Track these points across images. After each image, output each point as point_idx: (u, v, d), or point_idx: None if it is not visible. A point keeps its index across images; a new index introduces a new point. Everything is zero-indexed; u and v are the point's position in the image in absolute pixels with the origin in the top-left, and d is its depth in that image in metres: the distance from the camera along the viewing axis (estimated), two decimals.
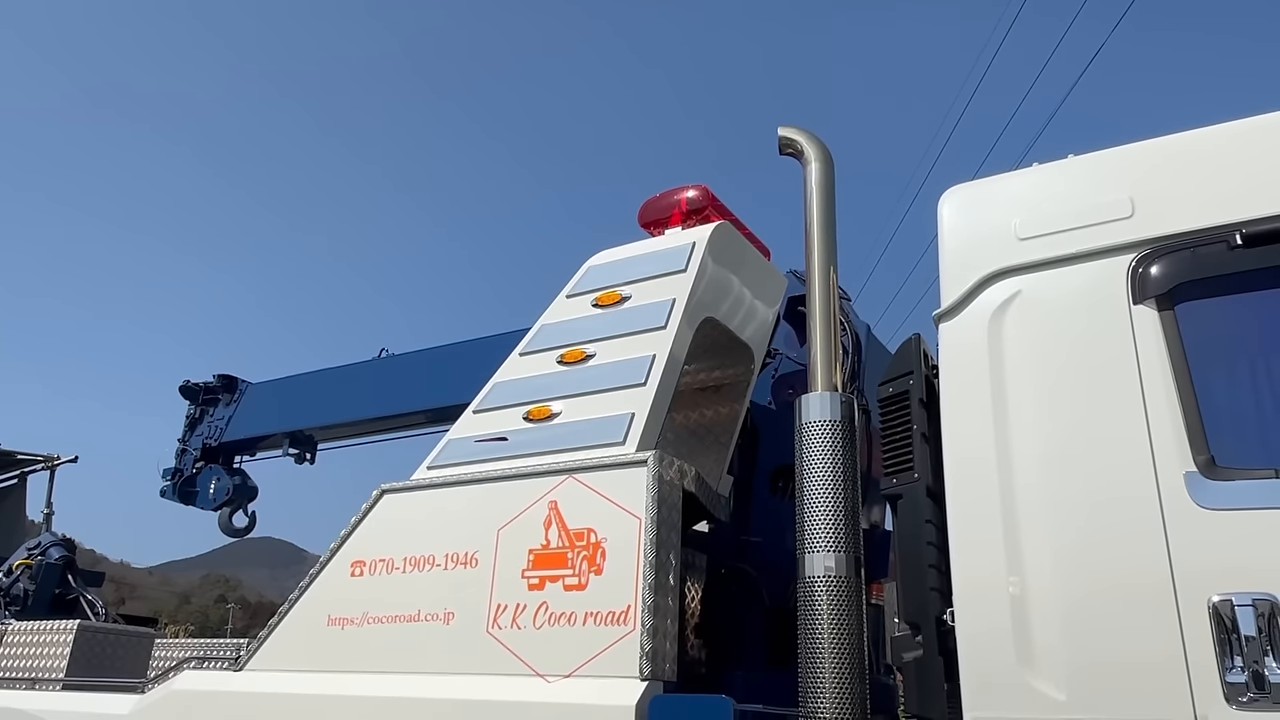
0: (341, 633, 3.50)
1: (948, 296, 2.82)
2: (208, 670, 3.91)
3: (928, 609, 2.66)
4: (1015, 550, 2.45)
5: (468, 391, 3.85)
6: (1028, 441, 2.54)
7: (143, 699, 3.96)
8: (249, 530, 7.77)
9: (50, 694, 4.58)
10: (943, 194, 3.00)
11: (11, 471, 10.24)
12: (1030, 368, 2.61)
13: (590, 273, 3.83)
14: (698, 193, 3.95)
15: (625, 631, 2.90)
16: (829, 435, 2.93)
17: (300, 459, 7.29)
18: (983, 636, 2.45)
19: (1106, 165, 2.79)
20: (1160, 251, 2.55)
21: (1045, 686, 2.32)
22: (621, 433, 3.24)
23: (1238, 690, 2.12)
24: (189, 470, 7.48)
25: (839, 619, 2.75)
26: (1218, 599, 2.18)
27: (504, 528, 3.28)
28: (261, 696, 3.56)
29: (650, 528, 2.99)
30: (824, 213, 3.28)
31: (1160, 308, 2.50)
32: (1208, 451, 2.33)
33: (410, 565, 3.45)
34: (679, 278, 3.58)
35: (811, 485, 2.89)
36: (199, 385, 7.62)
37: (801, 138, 3.41)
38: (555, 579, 3.10)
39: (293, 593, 3.73)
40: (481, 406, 3.69)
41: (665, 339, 3.43)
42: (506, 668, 3.06)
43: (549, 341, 3.70)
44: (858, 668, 2.72)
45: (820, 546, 2.82)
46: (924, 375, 2.96)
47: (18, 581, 6.98)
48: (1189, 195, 2.59)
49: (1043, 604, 2.38)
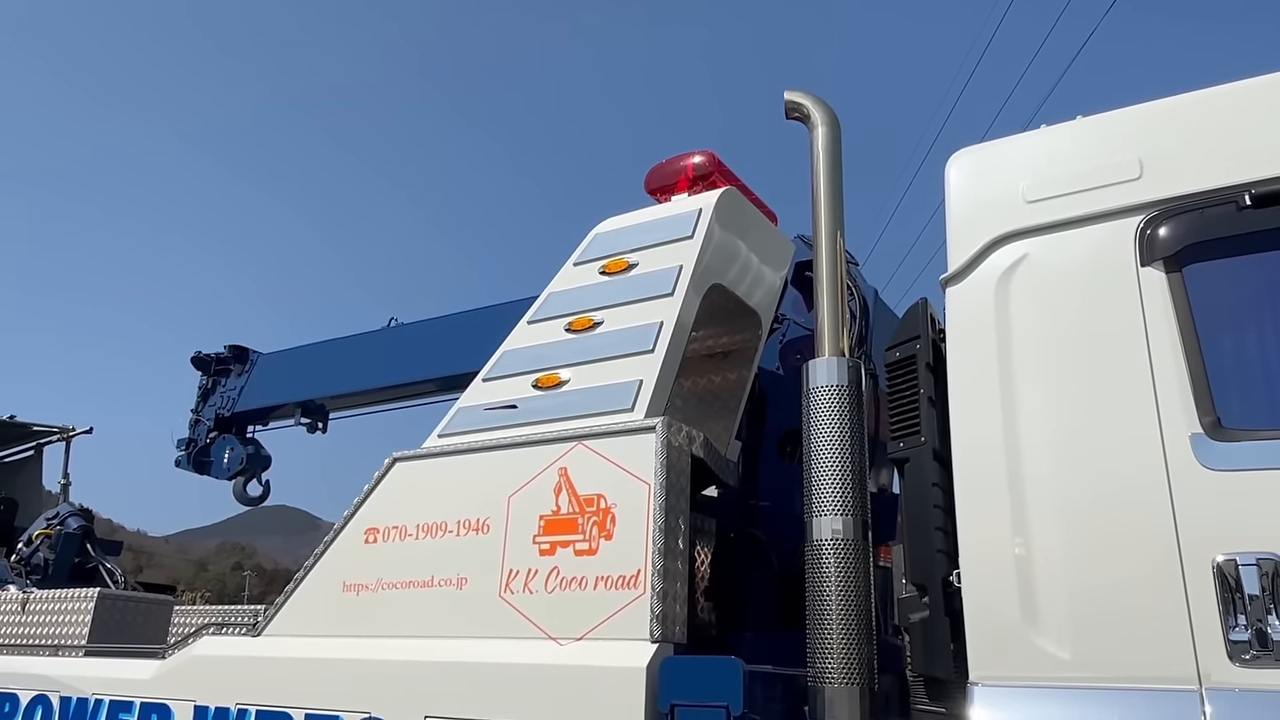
0: (356, 598, 3.56)
1: (955, 260, 2.82)
2: (227, 636, 3.98)
3: (934, 571, 2.69)
4: (1021, 512, 2.47)
5: (477, 360, 3.86)
6: (1034, 405, 2.55)
7: (164, 664, 4.04)
8: (263, 499, 7.86)
9: (73, 660, 4.67)
10: (950, 157, 2.99)
11: (28, 443, 10.33)
12: (1037, 331, 2.61)
13: (597, 240, 3.83)
14: (704, 158, 3.92)
15: (636, 595, 2.94)
16: (836, 400, 2.93)
17: (312, 428, 7.35)
18: (988, 597, 2.47)
19: (1115, 126, 2.77)
20: (1169, 213, 2.53)
21: (1050, 646, 2.35)
22: (630, 399, 3.26)
23: (1241, 648, 2.15)
24: (203, 440, 7.55)
25: (847, 581, 2.77)
26: (1222, 559, 2.20)
27: (514, 494, 3.31)
28: (280, 661, 3.63)
29: (659, 493, 3.02)
30: (831, 177, 3.26)
31: (1168, 270, 2.49)
32: (1214, 413, 2.33)
33: (423, 532, 3.49)
34: (686, 244, 3.57)
35: (819, 449, 2.91)
36: (210, 356, 7.66)
37: (808, 101, 3.38)
38: (566, 544, 3.14)
39: (308, 560, 3.79)
40: (491, 374, 3.72)
41: (673, 305, 3.43)
42: (519, 631, 3.11)
43: (557, 309, 3.71)
44: (865, 629, 2.75)
45: (828, 510, 2.84)
46: (931, 339, 2.97)
47: (38, 551, 7.06)
48: (1198, 156, 2.57)
49: (1048, 565, 2.40)
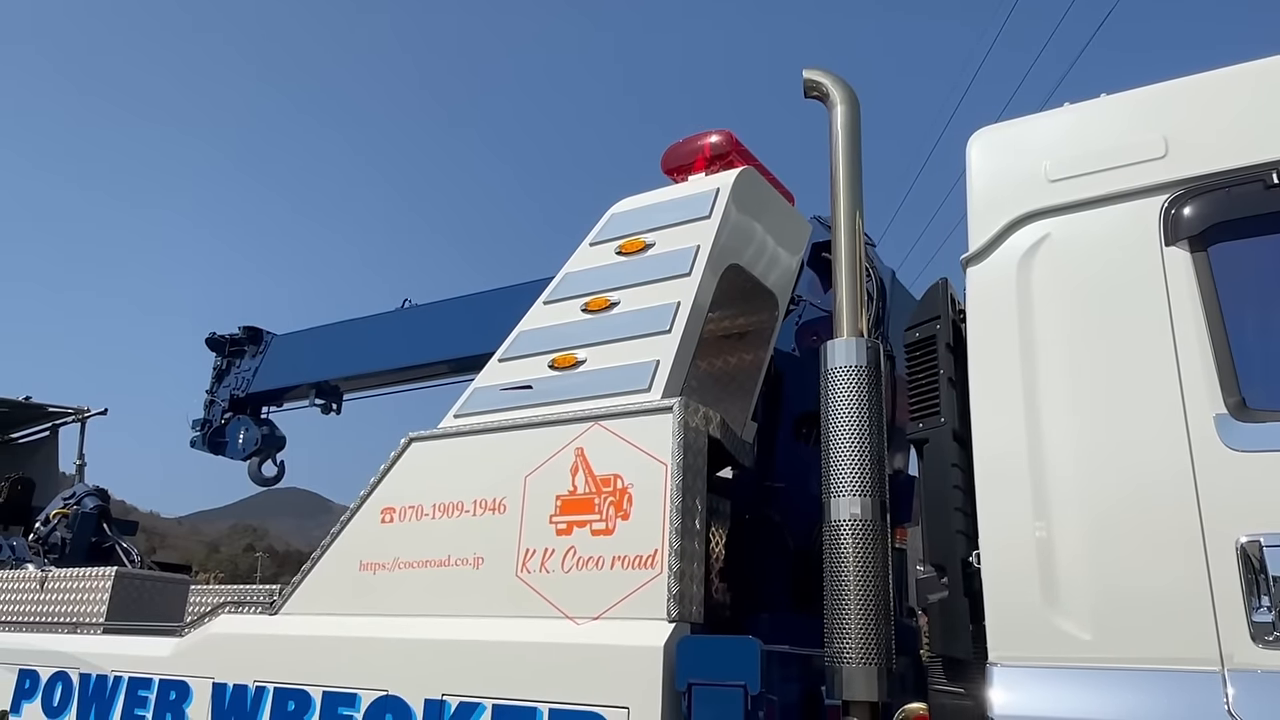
0: (373, 577, 3.58)
1: (975, 240, 2.79)
2: (244, 615, 4.01)
3: (953, 551, 2.68)
4: (1042, 493, 2.46)
5: (492, 341, 3.86)
6: (1055, 385, 2.53)
7: (182, 641, 4.08)
8: (278, 479, 7.90)
9: (92, 637, 4.72)
10: (971, 135, 2.96)
11: (44, 424, 10.42)
12: (1059, 311, 2.59)
13: (613, 220, 3.81)
14: (721, 138, 3.90)
15: (652, 575, 2.94)
16: (854, 381, 2.92)
17: (326, 409, 7.38)
18: (1008, 578, 2.46)
19: (1139, 104, 2.72)
20: (1194, 192, 2.50)
21: (1071, 627, 2.34)
22: (647, 380, 3.25)
23: (1264, 629, 2.13)
24: (217, 421, 7.59)
25: (864, 562, 2.76)
26: (1245, 539, 2.18)
27: (531, 474, 3.32)
28: (297, 639, 3.66)
29: (676, 473, 3.02)
30: (849, 156, 3.23)
31: (1193, 249, 2.46)
32: (1239, 394, 2.31)
33: (439, 512, 3.50)
34: (703, 224, 3.56)
35: (837, 430, 2.89)
36: (225, 337, 7.69)
37: (827, 80, 3.35)
38: (582, 524, 3.14)
39: (325, 539, 3.81)
40: (507, 355, 3.71)
41: (689, 286, 3.42)
42: (535, 610, 3.12)
43: (573, 289, 3.70)
44: (883, 610, 2.74)
45: (846, 491, 2.83)
46: (951, 320, 2.94)
47: (55, 530, 7.14)
48: (1224, 134, 2.53)
49: (1069, 545, 2.39)
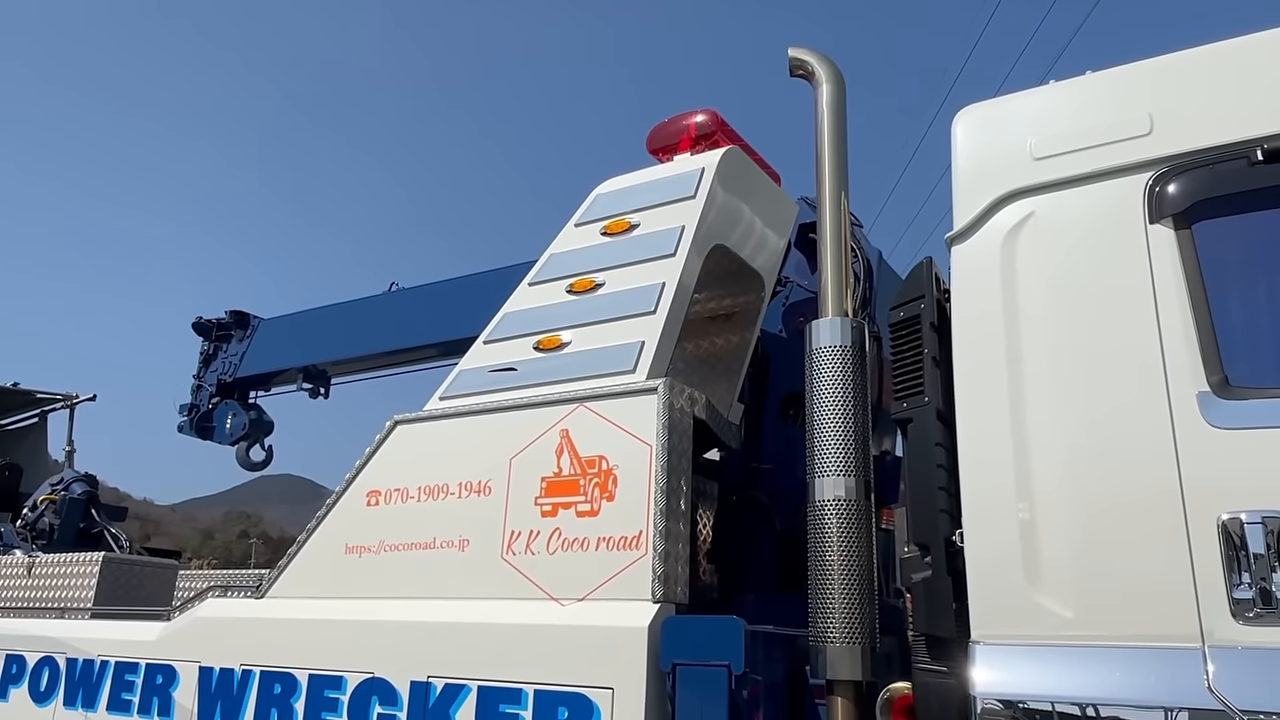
0: (359, 560, 3.57)
1: (960, 218, 2.78)
2: (231, 598, 4.00)
3: (937, 530, 2.68)
4: (1025, 470, 2.46)
5: (478, 324, 3.84)
6: (1039, 363, 2.53)
7: (169, 626, 4.07)
8: (266, 464, 7.89)
9: (79, 622, 4.70)
10: (957, 113, 2.94)
11: (32, 410, 10.37)
12: (1044, 289, 2.58)
13: (598, 201, 3.79)
14: (706, 117, 3.87)
15: (637, 556, 2.94)
16: (839, 360, 2.91)
17: (314, 393, 7.37)
18: (991, 556, 2.46)
19: (1124, 81, 2.71)
20: (1178, 169, 2.49)
21: (1053, 604, 2.34)
22: (632, 361, 3.24)
23: (1244, 606, 2.13)
24: (205, 406, 7.57)
25: (849, 542, 2.77)
26: (1227, 517, 2.18)
27: (516, 456, 3.30)
28: (284, 622, 3.65)
29: (661, 454, 3.01)
30: (835, 136, 3.22)
31: (1177, 226, 2.45)
32: (1221, 371, 2.31)
33: (425, 494, 3.49)
34: (688, 204, 3.54)
35: (822, 410, 2.89)
36: (212, 322, 7.66)
37: (812, 58, 3.33)
38: (568, 505, 3.14)
39: (310, 523, 3.80)
40: (492, 337, 3.70)
41: (675, 266, 3.40)
42: (521, 592, 3.12)
43: (558, 271, 3.68)
44: (867, 590, 2.75)
45: (831, 471, 2.83)
46: (935, 299, 2.93)
47: (43, 516, 7.12)
48: (1209, 111, 2.52)
49: (1051, 523, 2.39)
